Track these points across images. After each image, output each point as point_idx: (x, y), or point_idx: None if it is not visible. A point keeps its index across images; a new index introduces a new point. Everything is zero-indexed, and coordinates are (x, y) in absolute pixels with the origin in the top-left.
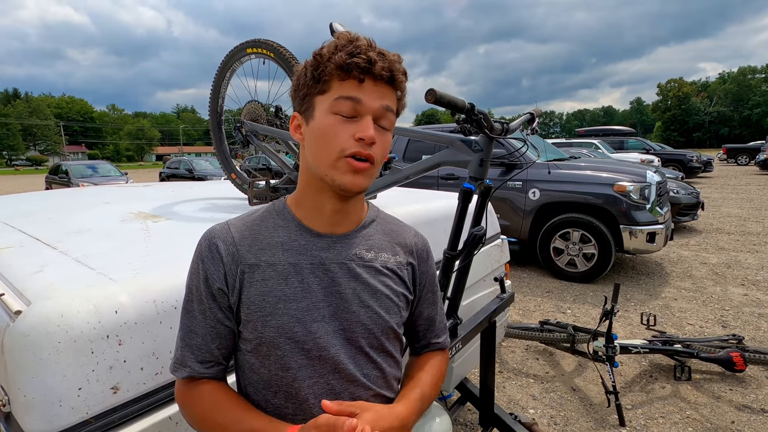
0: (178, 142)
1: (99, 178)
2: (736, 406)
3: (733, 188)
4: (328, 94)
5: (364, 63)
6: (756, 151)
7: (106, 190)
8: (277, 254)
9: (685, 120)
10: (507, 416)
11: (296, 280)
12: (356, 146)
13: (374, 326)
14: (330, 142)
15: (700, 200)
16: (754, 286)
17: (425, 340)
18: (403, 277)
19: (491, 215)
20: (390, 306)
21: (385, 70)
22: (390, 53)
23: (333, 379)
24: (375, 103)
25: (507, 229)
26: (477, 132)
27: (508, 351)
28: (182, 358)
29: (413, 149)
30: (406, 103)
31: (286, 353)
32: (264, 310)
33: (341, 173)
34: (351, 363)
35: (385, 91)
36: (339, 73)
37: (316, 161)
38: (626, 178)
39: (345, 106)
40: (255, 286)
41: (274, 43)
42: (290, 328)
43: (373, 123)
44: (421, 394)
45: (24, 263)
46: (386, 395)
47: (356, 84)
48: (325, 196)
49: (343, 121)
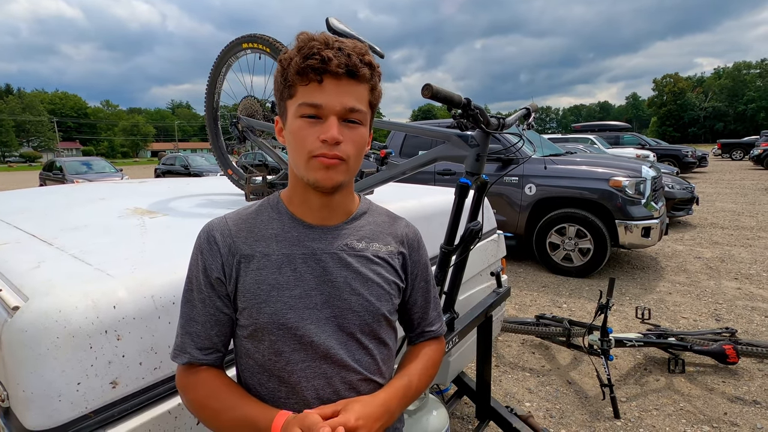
0: (174, 138)
1: (94, 174)
2: (729, 397)
3: (727, 183)
4: (295, 98)
5: (318, 64)
6: (750, 146)
7: (102, 186)
8: (271, 245)
9: (681, 115)
10: (503, 409)
11: (289, 269)
12: (321, 147)
13: (365, 313)
14: (300, 145)
15: (694, 195)
16: (747, 280)
17: (419, 328)
18: (395, 265)
19: (488, 210)
20: (381, 293)
21: (341, 66)
22: (352, 45)
23: (324, 364)
24: (337, 103)
25: (503, 224)
26: (473, 127)
27: (504, 345)
28: (182, 345)
29: (410, 145)
30: (381, 92)
31: (279, 338)
32: (258, 297)
33: (314, 171)
34: (342, 349)
35: (349, 87)
36: (299, 78)
37: (293, 162)
38: (622, 173)
39: (308, 110)
40: (250, 275)
41: (270, 38)
42: (283, 314)
43: (338, 122)
44: (408, 382)
45: (21, 259)
46: (377, 381)
47: (316, 86)
48: (311, 193)
49: (309, 124)
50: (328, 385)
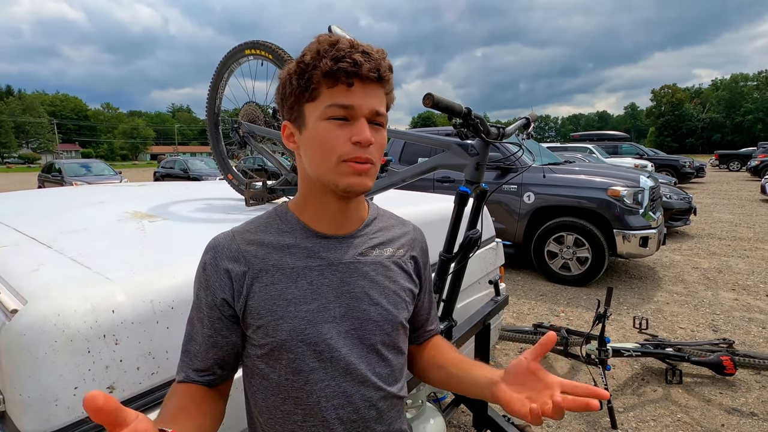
0: (173, 142)
1: (93, 177)
2: (726, 409)
3: (724, 194)
4: (319, 101)
5: (350, 67)
6: (747, 157)
7: (101, 189)
8: (284, 258)
9: (679, 126)
10: (500, 418)
11: (305, 282)
12: (354, 150)
13: (385, 323)
14: (328, 149)
15: (692, 205)
16: (745, 291)
17: (423, 329)
18: (409, 270)
19: (486, 218)
20: (398, 301)
21: (372, 71)
22: (374, 50)
23: (344, 381)
24: (366, 105)
25: (502, 232)
26: (473, 136)
27: (502, 354)
28: (181, 364)
29: (409, 152)
30: (394, 96)
31: (298, 356)
32: (275, 313)
33: (345, 176)
34: (363, 363)
35: (375, 90)
36: (326, 80)
37: (316, 168)
38: (620, 183)
39: (338, 112)
40: (264, 290)
41: (273, 45)
42: (302, 330)
43: (367, 123)
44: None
45: (20, 262)
46: (396, 394)
47: (345, 89)
48: (329, 199)
49: (337, 126)
50: (348, 404)
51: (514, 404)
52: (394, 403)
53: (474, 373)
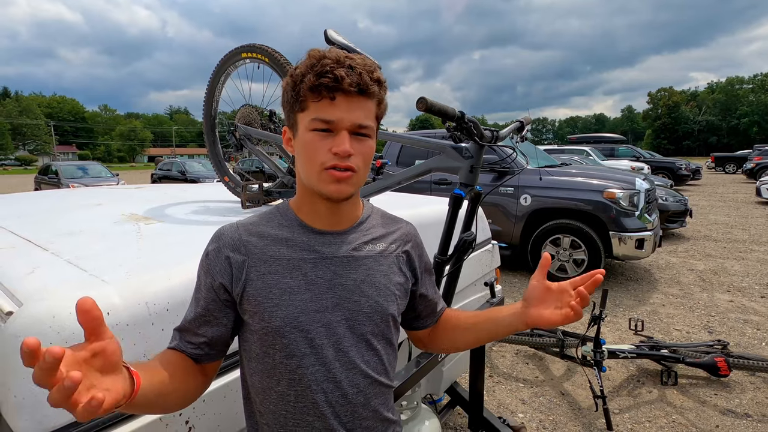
0: (171, 144)
1: (89, 179)
2: (721, 410)
3: (720, 196)
4: (307, 112)
5: (331, 82)
6: (743, 159)
7: (98, 191)
8: (282, 250)
9: (675, 128)
10: (496, 420)
11: (300, 273)
12: (334, 159)
13: (375, 314)
14: (311, 157)
15: (688, 208)
16: (740, 293)
17: (438, 306)
18: (401, 265)
19: (482, 220)
20: (388, 295)
21: (353, 85)
22: (362, 63)
23: (334, 366)
24: (348, 119)
25: (498, 234)
26: (467, 139)
27: (498, 355)
28: (174, 333)
29: (407, 154)
30: (386, 105)
31: (291, 342)
32: (270, 301)
33: (326, 184)
34: (353, 350)
35: (360, 103)
36: (311, 94)
37: (304, 174)
38: (616, 185)
39: (320, 125)
40: (262, 279)
41: (269, 48)
42: (295, 317)
43: (349, 135)
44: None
45: (15, 264)
46: (383, 381)
47: (329, 102)
48: (319, 202)
49: (320, 137)
50: (336, 388)
51: (550, 317)
52: (382, 390)
53: (500, 316)
